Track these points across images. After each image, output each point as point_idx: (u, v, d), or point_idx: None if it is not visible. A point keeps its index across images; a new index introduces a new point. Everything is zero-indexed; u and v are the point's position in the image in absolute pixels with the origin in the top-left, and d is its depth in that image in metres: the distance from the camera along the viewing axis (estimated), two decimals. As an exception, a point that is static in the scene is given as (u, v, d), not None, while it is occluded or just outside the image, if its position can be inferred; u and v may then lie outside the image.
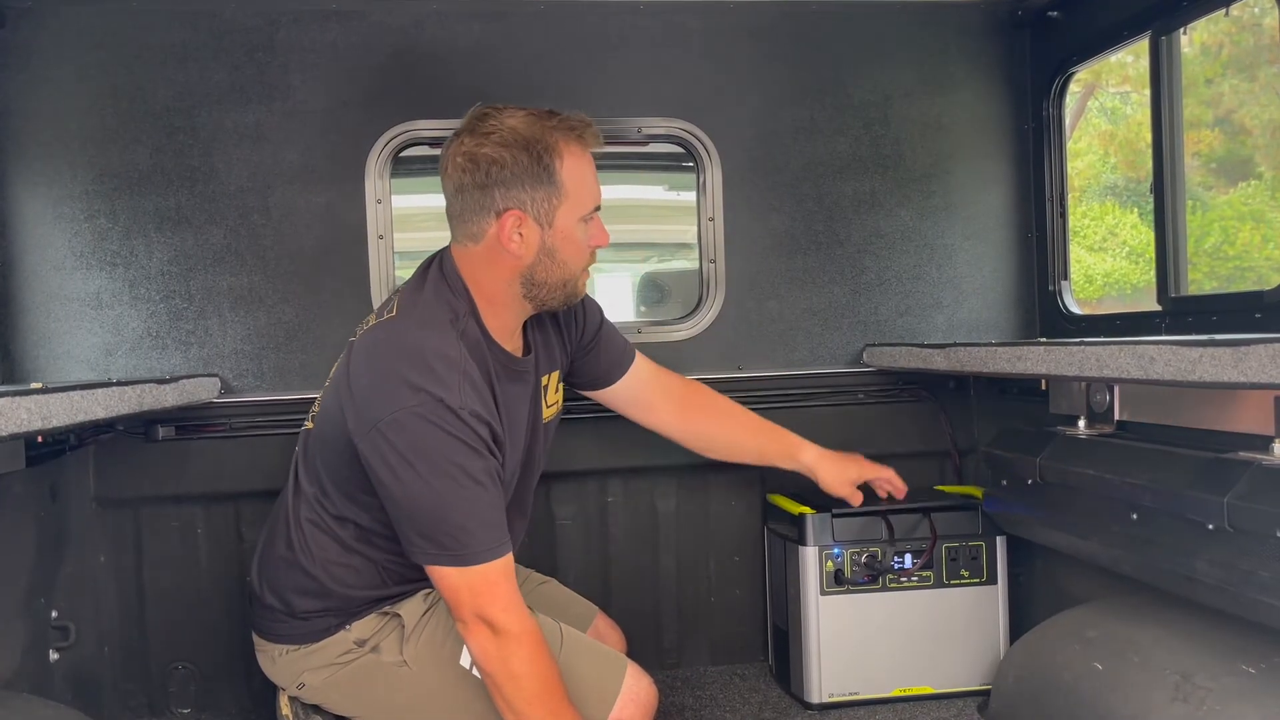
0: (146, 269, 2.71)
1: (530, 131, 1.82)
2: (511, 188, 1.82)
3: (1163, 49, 2.54)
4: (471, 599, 1.75)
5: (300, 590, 1.93)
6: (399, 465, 1.73)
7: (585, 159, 1.89)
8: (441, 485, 1.73)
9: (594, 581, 2.92)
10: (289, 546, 1.95)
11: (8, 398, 1.53)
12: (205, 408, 2.65)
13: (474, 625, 1.76)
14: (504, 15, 2.83)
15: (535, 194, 1.83)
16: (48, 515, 2.40)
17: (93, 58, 2.68)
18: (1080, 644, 2.18)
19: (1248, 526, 1.76)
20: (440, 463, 1.72)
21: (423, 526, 1.75)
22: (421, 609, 1.93)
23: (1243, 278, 10.46)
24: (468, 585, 1.74)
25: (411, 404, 1.72)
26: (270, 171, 2.75)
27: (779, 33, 2.96)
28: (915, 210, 3.04)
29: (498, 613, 1.74)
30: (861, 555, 2.67)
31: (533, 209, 1.84)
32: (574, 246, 1.90)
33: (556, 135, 1.83)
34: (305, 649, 1.95)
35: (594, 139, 1.89)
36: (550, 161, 1.82)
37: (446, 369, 1.76)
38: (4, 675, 2.16)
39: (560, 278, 1.91)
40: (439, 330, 1.82)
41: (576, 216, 1.88)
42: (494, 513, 1.78)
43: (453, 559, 1.74)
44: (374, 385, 1.78)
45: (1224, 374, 1.60)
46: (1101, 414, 2.35)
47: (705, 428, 2.44)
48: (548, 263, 1.88)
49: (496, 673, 1.76)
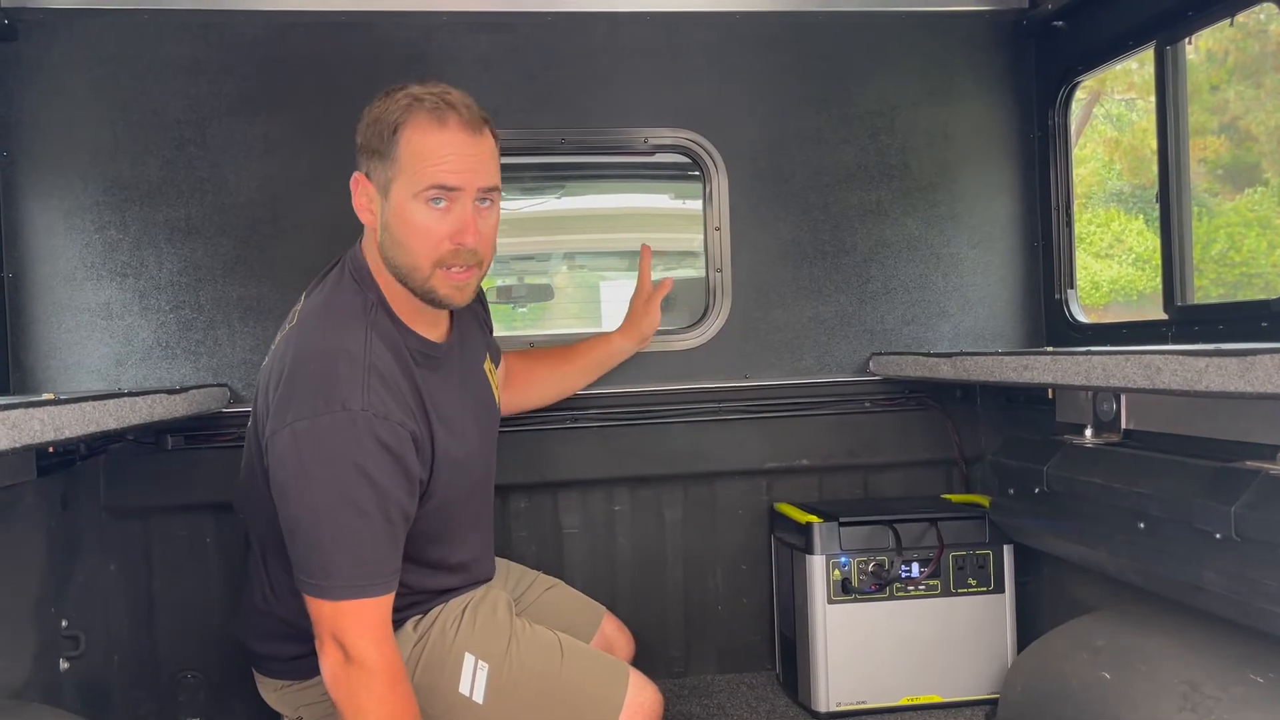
0: (156, 279, 2.73)
1: (391, 101, 1.78)
2: (362, 153, 1.82)
3: (1168, 58, 2.54)
4: (332, 620, 1.66)
5: (283, 637, 1.90)
6: (286, 482, 1.67)
7: (435, 135, 1.75)
8: (320, 509, 1.65)
9: (601, 590, 2.91)
10: (264, 599, 1.93)
11: (21, 409, 1.54)
12: (215, 417, 2.66)
13: (328, 646, 1.67)
14: (511, 26, 2.85)
15: (374, 161, 1.79)
16: (58, 525, 2.41)
17: (104, 70, 2.69)
18: (1088, 653, 2.18)
19: (1255, 535, 1.76)
20: (324, 484, 1.64)
21: (297, 549, 1.69)
22: (412, 640, 1.90)
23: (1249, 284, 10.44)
24: (332, 609, 1.66)
25: (306, 415, 1.65)
26: (280, 183, 2.76)
27: (785, 43, 2.97)
28: (921, 219, 3.05)
29: (355, 639, 1.65)
30: (869, 564, 2.67)
31: (375, 175, 1.80)
32: (408, 227, 1.76)
33: (408, 105, 1.76)
34: (301, 684, 1.93)
35: (459, 120, 1.76)
36: (393, 131, 1.76)
37: (349, 368, 1.68)
38: (14, 684, 2.16)
39: (405, 263, 1.78)
40: (343, 326, 1.75)
41: (410, 192, 1.75)
42: (371, 548, 1.67)
43: (315, 589, 1.66)
44: (277, 399, 1.71)
45: (1231, 384, 1.60)
46: (1108, 423, 2.35)
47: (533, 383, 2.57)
48: (389, 241, 1.79)
49: (341, 703, 1.67)
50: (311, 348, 1.74)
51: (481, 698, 1.83)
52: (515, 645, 1.90)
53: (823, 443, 2.97)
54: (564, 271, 4.48)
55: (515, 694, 1.86)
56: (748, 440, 2.97)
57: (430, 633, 1.89)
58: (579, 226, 4.23)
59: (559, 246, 4.36)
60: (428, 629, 1.90)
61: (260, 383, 1.84)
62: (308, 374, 1.69)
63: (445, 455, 1.83)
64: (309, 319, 1.81)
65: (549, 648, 1.90)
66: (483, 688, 1.85)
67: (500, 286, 3.89)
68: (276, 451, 1.68)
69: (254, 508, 1.89)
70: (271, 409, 1.72)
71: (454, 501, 1.90)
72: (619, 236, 4.21)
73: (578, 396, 2.81)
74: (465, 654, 1.87)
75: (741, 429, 2.97)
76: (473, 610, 1.94)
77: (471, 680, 1.85)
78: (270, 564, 1.91)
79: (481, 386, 2.03)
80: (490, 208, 1.82)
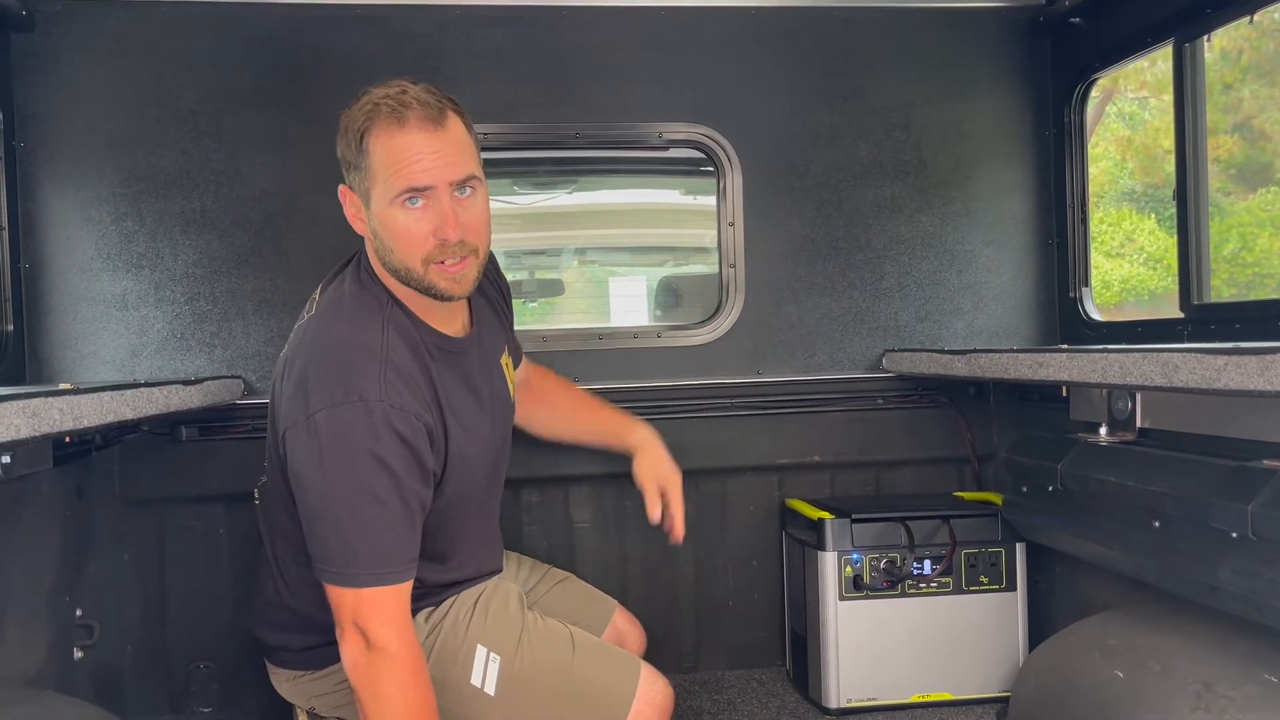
0: (172, 271, 2.74)
1: (356, 111, 1.76)
2: (342, 165, 1.81)
3: (1186, 56, 2.53)
4: (353, 607, 1.67)
5: (295, 628, 1.91)
6: (304, 472, 1.68)
7: (398, 138, 1.72)
8: (339, 498, 1.66)
9: (612, 585, 2.91)
10: (275, 591, 1.93)
11: (40, 398, 1.55)
12: (229, 409, 2.67)
13: (349, 634, 1.68)
14: (526, 20, 2.85)
15: (352, 174, 1.79)
16: (73, 515, 2.43)
17: (120, 62, 2.70)
18: (1101, 652, 2.17)
19: (1272, 535, 1.75)
20: (342, 473, 1.65)
21: (316, 538, 1.69)
22: (424, 632, 1.90)
23: (1261, 284, 10.37)
24: (353, 597, 1.67)
25: (324, 406, 1.65)
26: (295, 175, 2.76)
27: (800, 38, 2.97)
28: (936, 216, 3.04)
29: (375, 626, 1.66)
30: (881, 561, 2.67)
31: (357, 186, 1.79)
32: (392, 231, 1.74)
33: (371, 113, 1.74)
34: (313, 674, 1.94)
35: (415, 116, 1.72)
36: (360, 141, 1.75)
37: (366, 360, 1.69)
38: (29, 672, 2.18)
39: (398, 263, 1.77)
40: (360, 321, 1.76)
41: (386, 199, 1.73)
42: (390, 536, 1.69)
43: (335, 577, 1.67)
44: (294, 389, 1.71)
45: (1250, 382, 1.59)
46: (1123, 421, 2.34)
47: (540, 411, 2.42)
48: (381, 247, 1.79)
49: (362, 690, 1.67)
50: (330, 340, 1.74)
51: (493, 689, 1.84)
52: (527, 638, 1.90)
53: (835, 439, 2.96)
54: (575, 267, 4.48)
55: (527, 686, 1.87)
56: (759, 436, 2.97)
57: (443, 625, 1.90)
58: (591, 222, 4.24)
59: (570, 242, 4.36)
60: (440, 621, 1.90)
61: (276, 373, 1.84)
62: (326, 366, 1.70)
63: (458, 449, 1.84)
64: (326, 312, 1.82)
65: (561, 640, 1.90)
66: (494, 680, 1.85)
67: (511, 281, 3.90)
68: (294, 442, 1.69)
69: (270, 497, 1.90)
70: (289, 400, 1.73)
71: (466, 495, 1.90)
72: (631, 232, 4.21)
73: (589, 391, 2.82)
74: (477, 646, 1.87)
75: (753, 425, 2.96)
76: (485, 603, 1.95)
77: (483, 672, 1.85)
78: (283, 555, 1.91)
79: (498, 380, 2.03)
80: (472, 195, 1.79)
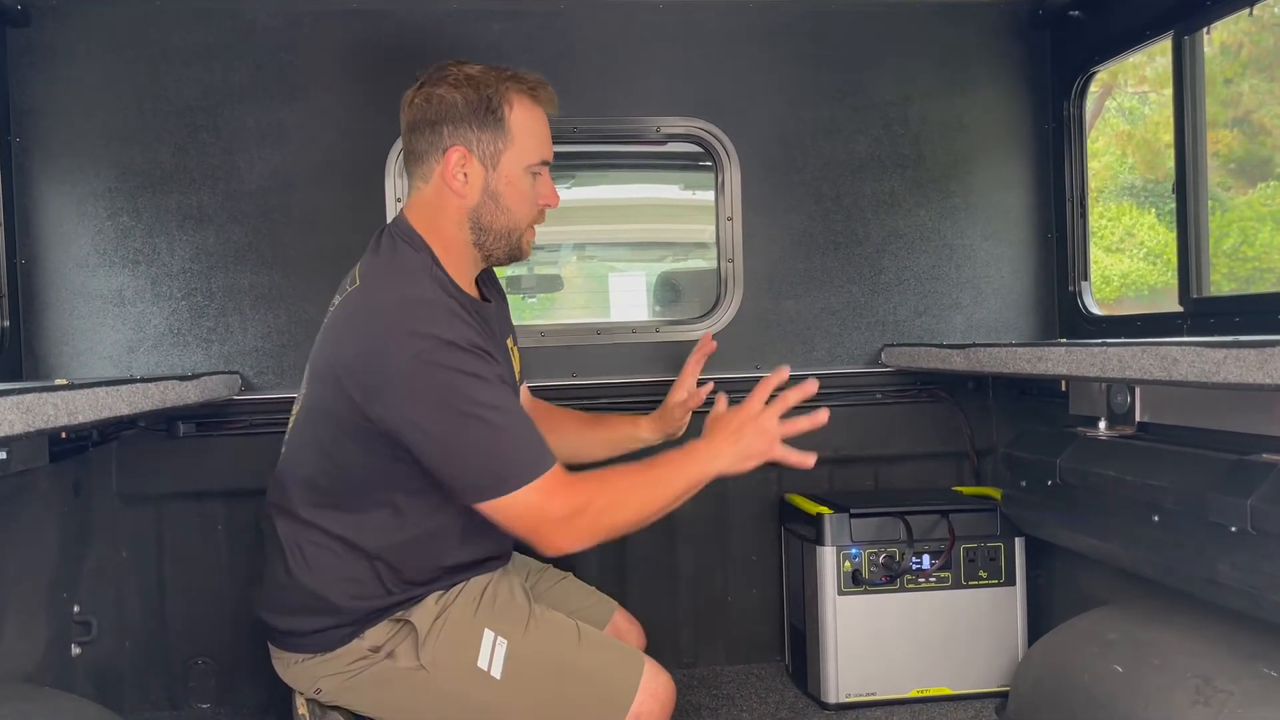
0: (168, 267, 2.73)
1: (484, 78, 1.87)
2: (459, 126, 1.86)
3: (1185, 49, 2.52)
4: (539, 506, 1.73)
5: (307, 610, 1.91)
6: (420, 421, 1.71)
7: (537, 114, 1.92)
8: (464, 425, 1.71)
9: (611, 581, 2.93)
10: (287, 572, 1.92)
11: (35, 394, 1.54)
12: (226, 405, 2.67)
13: (544, 530, 1.74)
14: (524, 15, 2.84)
15: (482, 135, 1.86)
16: (71, 511, 2.43)
17: (116, 57, 2.70)
18: (1100, 646, 2.17)
19: (1271, 529, 1.75)
20: (454, 405, 1.70)
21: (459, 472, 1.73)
22: (434, 613, 1.90)
23: (1261, 279, 10.37)
24: (525, 497, 1.72)
25: (408, 354, 1.70)
26: (292, 170, 2.76)
27: (798, 32, 2.96)
28: (934, 210, 3.04)
29: (559, 505, 1.73)
30: (879, 556, 2.66)
31: (478, 149, 1.87)
32: (518, 194, 1.90)
33: (509, 85, 1.88)
34: (320, 657, 1.93)
35: (549, 101, 1.93)
36: (499, 106, 1.86)
37: (430, 309, 1.75)
38: (27, 669, 2.18)
39: (505, 225, 1.91)
40: (412, 280, 1.82)
41: (522, 165, 1.89)
42: (524, 429, 1.75)
43: (506, 486, 1.71)
44: (369, 349, 1.74)
45: (1249, 375, 1.59)
46: (1122, 415, 2.34)
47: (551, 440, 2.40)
48: (492, 206, 1.89)
49: (597, 534, 1.76)
50: (388, 298, 1.78)
51: (499, 673, 1.84)
52: (534, 624, 1.91)
53: (833, 434, 2.94)
54: (573, 262, 4.47)
55: (532, 672, 1.87)
56: None
57: (452, 608, 1.91)
58: (590, 217, 4.22)
59: (569, 237, 4.35)
60: (450, 603, 1.91)
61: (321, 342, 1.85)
62: (392, 319, 1.74)
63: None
64: (374, 277, 1.85)
65: (566, 630, 1.91)
66: (500, 664, 1.86)
67: (509, 276, 3.89)
68: (395, 399, 1.71)
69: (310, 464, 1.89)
70: (366, 368, 1.74)
71: None
72: (630, 227, 4.20)
73: (587, 386, 2.81)
74: (485, 629, 1.89)
75: (752, 420, 2.95)
76: (493, 590, 1.96)
77: (490, 655, 1.86)
78: (300, 536, 1.91)
79: (508, 360, 2.07)
80: None
